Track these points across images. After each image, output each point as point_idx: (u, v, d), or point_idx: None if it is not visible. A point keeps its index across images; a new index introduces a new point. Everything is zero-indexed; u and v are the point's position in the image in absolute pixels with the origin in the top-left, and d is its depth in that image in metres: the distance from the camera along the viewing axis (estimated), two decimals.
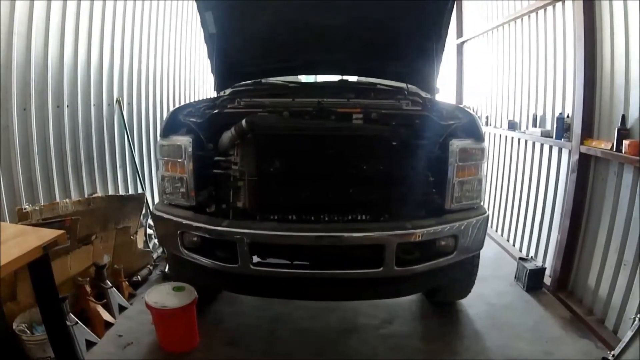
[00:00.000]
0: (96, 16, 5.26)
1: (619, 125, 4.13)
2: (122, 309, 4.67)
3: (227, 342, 4.26)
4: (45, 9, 4.49)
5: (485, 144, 3.91)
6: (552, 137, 5.33)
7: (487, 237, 4.06)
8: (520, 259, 5.58)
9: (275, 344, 4.27)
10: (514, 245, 6.52)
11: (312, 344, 4.27)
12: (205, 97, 6.70)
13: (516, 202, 6.52)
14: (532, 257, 5.74)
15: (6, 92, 4.12)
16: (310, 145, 3.78)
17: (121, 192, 5.91)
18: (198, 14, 4.27)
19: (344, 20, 4.33)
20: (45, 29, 4.52)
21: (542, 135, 5.53)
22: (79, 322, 3.92)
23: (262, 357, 4.09)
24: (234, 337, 4.34)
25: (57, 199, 4.66)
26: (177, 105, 5.15)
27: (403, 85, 4.83)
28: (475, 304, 4.90)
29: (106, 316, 4.37)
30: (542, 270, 5.33)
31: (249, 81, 5.04)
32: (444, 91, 8.06)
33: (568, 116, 5.00)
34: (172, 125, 3.92)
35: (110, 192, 5.67)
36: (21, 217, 3.94)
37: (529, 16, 6.00)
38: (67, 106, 4.92)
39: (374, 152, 3.80)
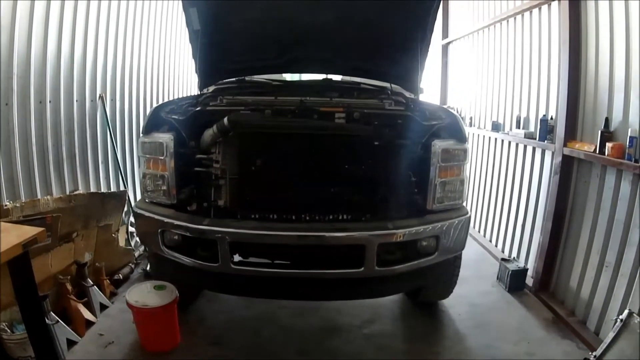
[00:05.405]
0: (80, 11, 5.23)
1: (603, 127, 4.17)
2: (103, 307, 4.64)
3: (209, 341, 4.24)
4: (29, 3, 4.45)
5: (468, 144, 3.93)
6: (535, 139, 5.37)
7: (469, 238, 4.09)
8: (503, 259, 5.59)
9: (259, 343, 4.26)
10: (496, 246, 6.55)
11: (296, 343, 4.26)
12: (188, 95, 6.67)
13: (499, 203, 6.54)
14: (514, 257, 5.76)
15: None
16: (292, 144, 3.77)
17: (103, 189, 5.88)
18: (183, 11, 4.23)
19: (329, 19, 4.32)
20: (29, 23, 4.49)
21: (525, 137, 5.55)
22: (59, 320, 3.89)
23: (244, 356, 4.08)
24: (216, 335, 4.33)
25: (39, 196, 4.61)
26: (160, 103, 5.10)
27: (387, 85, 4.84)
28: (457, 304, 4.92)
29: (87, 315, 4.33)
30: (524, 271, 5.35)
31: (232, 79, 5.02)
32: (429, 91, 8.09)
33: (552, 118, 5.02)
34: (154, 123, 3.90)
35: (92, 189, 5.63)
36: (2, 214, 3.89)
37: (515, 18, 6.02)
38: (50, 102, 4.88)
39: (356, 152, 3.79)
